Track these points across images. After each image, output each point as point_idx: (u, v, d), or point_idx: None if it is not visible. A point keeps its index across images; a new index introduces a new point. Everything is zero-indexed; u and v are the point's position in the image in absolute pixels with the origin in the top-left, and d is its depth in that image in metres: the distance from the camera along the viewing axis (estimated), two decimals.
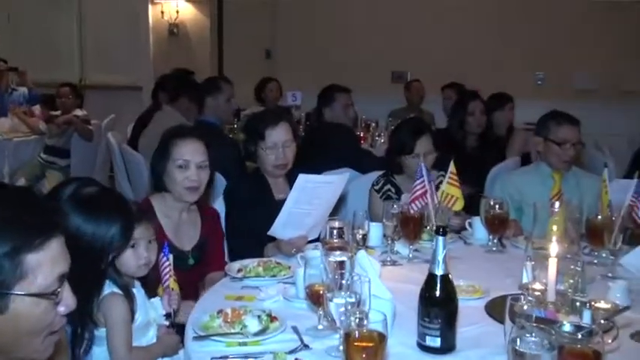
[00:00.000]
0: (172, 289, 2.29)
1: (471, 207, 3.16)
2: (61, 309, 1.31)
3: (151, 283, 2.28)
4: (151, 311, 2.22)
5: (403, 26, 8.18)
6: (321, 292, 1.92)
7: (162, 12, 8.18)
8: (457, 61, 7.77)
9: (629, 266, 2.58)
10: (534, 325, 1.54)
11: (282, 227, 2.70)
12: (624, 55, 7.50)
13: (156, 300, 2.26)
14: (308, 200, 2.67)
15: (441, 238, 1.82)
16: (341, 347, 1.78)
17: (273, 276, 2.45)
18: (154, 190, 2.81)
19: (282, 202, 3.03)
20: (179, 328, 2.21)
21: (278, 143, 3.02)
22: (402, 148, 3.35)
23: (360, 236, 2.59)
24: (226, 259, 2.87)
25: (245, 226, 2.90)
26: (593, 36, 7.53)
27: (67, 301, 1.30)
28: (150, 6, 8.14)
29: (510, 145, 5.03)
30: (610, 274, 2.50)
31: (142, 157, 4.64)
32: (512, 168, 4.33)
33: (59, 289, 1.28)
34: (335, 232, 2.39)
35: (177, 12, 8.18)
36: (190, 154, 2.69)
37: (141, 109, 6.20)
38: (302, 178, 2.62)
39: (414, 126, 3.49)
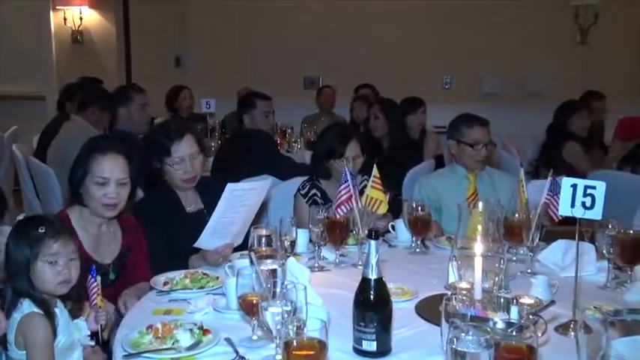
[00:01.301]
0: (99, 306, 2.21)
1: (390, 209, 3.21)
2: None
3: (76, 304, 2.19)
4: (75, 332, 2.13)
5: (314, 32, 8.26)
6: (255, 301, 1.90)
7: (64, 18, 7.85)
8: (367, 65, 7.92)
9: (546, 262, 2.69)
10: (470, 324, 1.57)
11: (208, 238, 2.64)
12: (528, 60, 7.88)
13: (80, 320, 2.17)
14: (234, 209, 2.63)
15: (373, 242, 1.84)
16: (278, 357, 1.77)
17: (201, 287, 2.39)
18: (71, 202, 2.69)
19: (193, 214, 3.02)
20: (106, 347, 2.13)
21: (185, 157, 2.95)
22: (331, 153, 3.36)
23: (288, 243, 2.58)
24: None
25: (158, 241, 2.82)
26: (498, 40, 7.85)
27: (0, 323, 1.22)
28: (51, 12, 7.81)
29: (425, 148, 5.17)
30: (529, 270, 2.60)
31: (50, 170, 4.44)
32: (428, 170, 4.44)
33: None
34: (263, 239, 2.37)
35: (81, 18, 7.87)
36: (110, 171, 2.57)
37: (45, 119, 5.95)
38: (229, 188, 2.58)
39: (342, 130, 3.51)
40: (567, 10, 7.91)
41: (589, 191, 1.99)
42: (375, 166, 2.88)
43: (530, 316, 1.81)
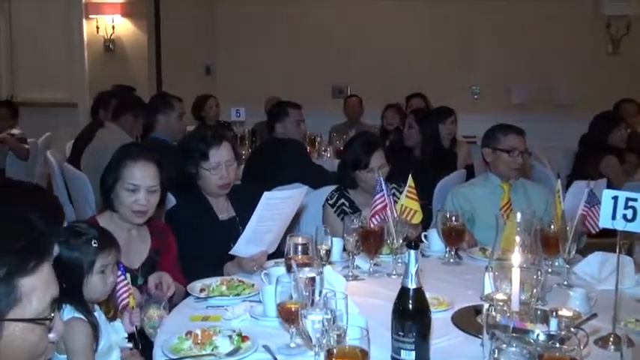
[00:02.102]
0: (132, 307, 2.23)
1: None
2: (52, 335, 1.25)
3: (110, 306, 2.22)
4: (113, 335, 2.15)
5: (344, 41, 8.29)
6: (294, 309, 1.91)
7: (97, 27, 7.98)
8: (396, 75, 7.93)
9: (582, 274, 2.67)
10: (512, 335, 1.57)
11: (244, 245, 2.67)
12: (556, 71, 7.82)
13: (117, 323, 2.20)
14: (270, 217, 2.65)
15: (413, 252, 1.84)
16: None
17: (238, 294, 2.41)
18: (103, 208, 2.74)
19: (225, 222, 3.05)
20: (144, 349, 2.15)
21: (221, 163, 2.99)
22: (356, 163, 3.37)
23: (324, 252, 2.59)
24: None
25: (190, 249, 2.84)
26: (528, 51, 7.81)
27: (58, 327, 1.26)
28: (84, 21, 7.94)
29: (458, 158, 5.16)
30: (565, 283, 2.58)
31: (84, 176, 4.51)
32: (459, 180, 4.42)
33: (52, 314, 1.23)
34: (300, 247, 2.38)
35: (114, 27, 7.99)
36: (141, 178, 2.60)
37: (77, 126, 6.05)
38: (266, 196, 2.60)
39: (367, 141, 3.51)
40: (599, 20, 7.84)
41: (630, 203, 1.98)
42: (410, 175, 2.88)
43: (572, 329, 1.79)
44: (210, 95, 7.00)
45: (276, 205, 2.66)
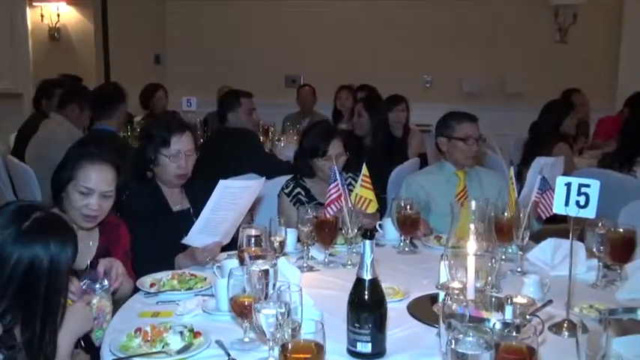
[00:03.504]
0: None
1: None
2: None
3: None
4: None
5: (296, 30, 8.24)
6: (247, 303, 1.86)
7: (41, 15, 7.74)
8: (349, 64, 7.92)
9: (535, 260, 2.68)
10: (469, 325, 1.55)
11: (197, 235, 2.60)
12: (507, 60, 7.91)
13: None
14: (225, 206, 2.59)
15: (368, 242, 1.81)
16: (271, 359, 1.74)
17: (190, 289, 2.34)
18: (51, 205, 2.61)
19: (179, 213, 2.98)
20: (91, 349, 2.07)
21: (182, 151, 2.93)
22: (314, 151, 3.33)
23: (277, 243, 2.55)
24: None
25: (143, 240, 2.76)
26: (479, 41, 7.88)
27: None
28: (28, 9, 7.68)
29: (410, 146, 5.15)
30: (519, 269, 2.59)
31: (30, 169, 4.36)
32: (413, 169, 4.43)
33: None
34: (253, 239, 2.33)
35: (59, 15, 7.76)
36: (96, 182, 2.47)
37: (22, 117, 5.86)
38: (222, 184, 2.55)
39: (325, 129, 3.50)
40: (547, 10, 7.94)
41: (583, 190, 1.98)
42: (364, 164, 2.86)
43: (527, 316, 1.79)
44: (159, 85, 6.85)
45: (233, 195, 2.61)
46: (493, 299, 2.03)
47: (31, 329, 1.65)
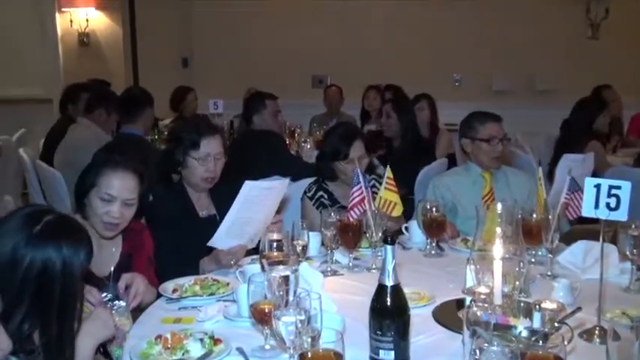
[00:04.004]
0: None
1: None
2: None
3: None
4: None
5: (323, 31, 8.19)
6: (267, 310, 1.83)
7: (71, 21, 7.82)
8: (377, 63, 7.85)
9: (566, 263, 2.61)
10: (494, 333, 1.50)
11: (223, 237, 2.58)
12: (537, 57, 7.77)
13: None
14: (250, 207, 2.56)
15: (389, 247, 1.75)
16: None
17: (212, 294, 2.32)
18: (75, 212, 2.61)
19: (205, 219, 2.95)
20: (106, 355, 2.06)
21: (211, 154, 2.90)
22: (335, 154, 3.29)
23: (300, 247, 2.51)
24: None
25: (168, 245, 2.74)
26: (508, 37, 7.76)
27: (1, 345, 1.14)
28: (57, 15, 7.79)
29: (437, 146, 5.09)
30: (549, 273, 2.52)
31: (58, 173, 4.40)
32: (440, 169, 4.36)
33: None
34: (274, 244, 2.29)
35: (87, 21, 7.83)
36: (118, 189, 2.44)
37: (52, 122, 5.91)
38: (247, 186, 2.51)
39: (346, 131, 3.44)
40: (578, 5, 7.79)
41: (613, 191, 1.91)
42: (388, 166, 2.81)
43: (556, 323, 1.73)
44: (190, 88, 6.90)
45: (258, 196, 2.58)
46: (522, 304, 1.98)
47: (48, 333, 1.64)
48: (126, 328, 2.09)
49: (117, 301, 2.14)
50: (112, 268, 2.44)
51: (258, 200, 2.59)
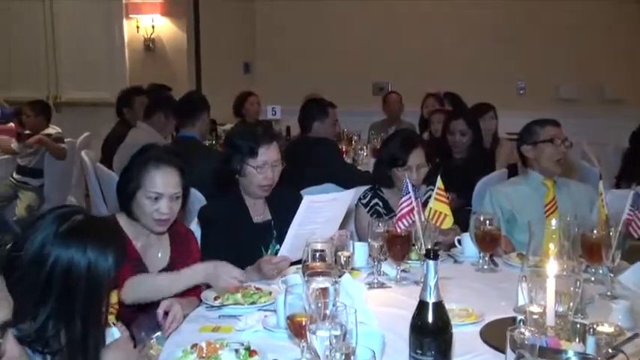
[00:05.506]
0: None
1: (456, 221, 3.03)
2: None
3: None
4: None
5: (384, 37, 8.12)
6: (304, 322, 1.76)
7: (137, 27, 7.99)
8: (438, 70, 7.71)
9: (628, 283, 2.45)
10: (539, 359, 1.39)
11: (288, 252, 2.54)
12: (606, 64, 7.46)
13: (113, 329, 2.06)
14: (312, 219, 2.52)
15: (432, 263, 1.67)
16: None
17: (253, 303, 2.28)
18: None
19: (260, 225, 2.92)
20: None
21: (268, 162, 2.86)
22: (393, 161, 3.22)
23: (344, 258, 2.44)
24: None
25: (221, 250, 2.69)
26: (576, 44, 7.47)
27: (10, 353, 1.11)
28: (125, 21, 7.98)
29: (497, 157, 4.92)
30: (609, 293, 2.37)
31: (115, 176, 4.46)
32: (500, 180, 4.22)
33: (1, 341, 1.10)
34: (317, 254, 2.23)
35: (153, 27, 7.99)
36: (164, 185, 2.48)
37: None
38: (307, 200, 2.49)
39: (406, 138, 3.36)
40: None
41: None
42: (439, 176, 2.71)
43: (610, 350, 1.61)
44: (251, 92, 6.96)
45: (320, 208, 2.54)
46: (577, 326, 1.86)
47: (72, 334, 1.63)
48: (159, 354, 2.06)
49: (158, 332, 2.14)
50: (160, 271, 2.47)
51: (320, 212, 2.56)
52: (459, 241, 2.94)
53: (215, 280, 2.33)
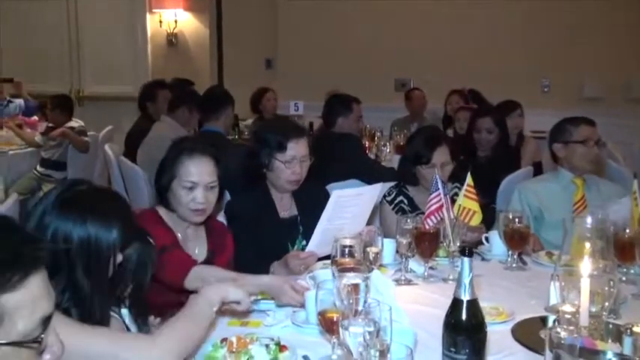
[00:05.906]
0: None
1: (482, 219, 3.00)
2: (47, 357, 1.09)
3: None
4: None
5: (407, 33, 8.06)
6: (335, 318, 1.75)
7: (160, 21, 8.02)
8: (462, 68, 7.64)
9: None
10: (579, 359, 1.37)
11: (316, 248, 2.53)
12: (632, 62, 7.35)
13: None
14: (341, 215, 2.52)
15: (467, 260, 1.64)
16: None
17: None
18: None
19: (286, 220, 2.91)
20: None
21: (297, 157, 2.85)
22: (417, 158, 3.19)
23: (373, 255, 2.42)
24: None
25: (247, 244, 2.72)
26: (601, 41, 7.38)
27: (54, 347, 1.10)
28: (148, 15, 8.01)
29: (523, 154, 4.87)
30: None
31: (140, 170, 4.49)
32: (525, 178, 4.18)
33: (43, 335, 1.07)
34: (347, 250, 2.22)
35: (176, 21, 8.02)
36: (199, 174, 2.48)
37: None
38: (336, 194, 2.48)
39: (430, 135, 3.33)
40: None
41: None
42: (469, 173, 2.68)
43: None
44: (268, 88, 6.95)
45: (347, 203, 2.54)
46: (610, 327, 1.83)
47: (78, 298, 1.64)
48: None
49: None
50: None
51: (348, 207, 2.55)
52: (487, 239, 2.91)
53: (278, 294, 2.21)
